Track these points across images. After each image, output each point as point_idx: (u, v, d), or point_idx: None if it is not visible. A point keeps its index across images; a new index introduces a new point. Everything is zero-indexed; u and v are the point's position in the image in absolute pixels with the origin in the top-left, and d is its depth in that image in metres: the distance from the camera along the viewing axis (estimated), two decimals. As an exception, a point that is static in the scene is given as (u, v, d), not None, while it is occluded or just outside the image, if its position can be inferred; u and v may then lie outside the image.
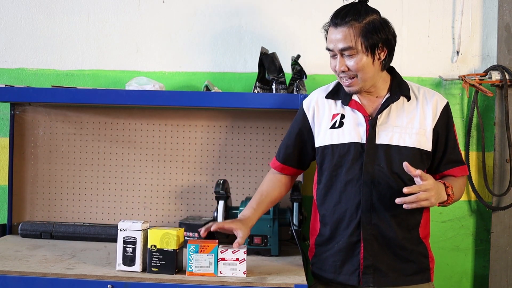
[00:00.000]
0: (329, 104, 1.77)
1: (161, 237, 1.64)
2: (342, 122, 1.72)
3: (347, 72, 1.63)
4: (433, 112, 1.69)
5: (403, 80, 1.75)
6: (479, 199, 2.30)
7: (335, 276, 1.71)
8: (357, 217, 1.66)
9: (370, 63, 1.62)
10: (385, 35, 1.62)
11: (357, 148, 1.67)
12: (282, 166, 1.85)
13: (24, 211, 2.32)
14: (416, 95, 1.72)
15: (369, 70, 1.63)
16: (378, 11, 1.65)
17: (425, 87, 1.77)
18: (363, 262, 1.66)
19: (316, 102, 1.80)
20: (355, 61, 1.61)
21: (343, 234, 1.69)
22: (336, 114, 1.74)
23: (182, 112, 2.30)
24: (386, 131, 1.66)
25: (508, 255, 2.27)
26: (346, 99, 1.73)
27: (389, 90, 1.71)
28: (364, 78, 1.64)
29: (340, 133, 1.71)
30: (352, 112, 1.72)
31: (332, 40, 1.63)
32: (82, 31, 2.39)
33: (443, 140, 1.71)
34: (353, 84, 1.65)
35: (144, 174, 2.31)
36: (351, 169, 1.67)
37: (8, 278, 1.63)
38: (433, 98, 1.71)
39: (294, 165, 1.85)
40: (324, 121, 1.75)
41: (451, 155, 1.72)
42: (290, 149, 1.83)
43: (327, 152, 1.73)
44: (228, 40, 2.37)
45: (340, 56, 1.63)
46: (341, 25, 1.60)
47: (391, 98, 1.69)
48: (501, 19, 2.30)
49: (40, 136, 2.32)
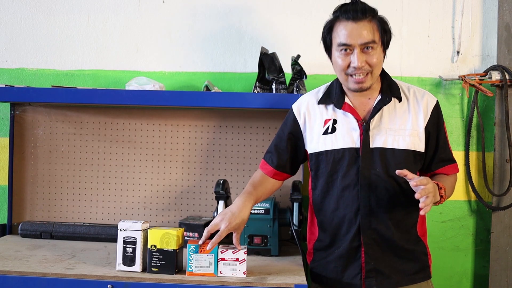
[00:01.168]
0: (320, 109, 1.74)
1: (161, 237, 1.64)
2: (334, 127, 1.70)
3: (364, 68, 1.59)
4: (424, 112, 1.68)
5: (393, 80, 1.74)
6: (479, 199, 2.30)
7: (338, 281, 1.70)
8: (357, 222, 1.65)
9: (382, 59, 1.63)
10: (390, 32, 1.64)
11: (351, 153, 1.66)
12: (274, 171, 1.81)
13: (24, 211, 2.32)
14: (407, 95, 1.71)
15: (381, 66, 1.64)
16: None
17: (415, 86, 1.76)
18: (364, 266, 1.66)
19: (307, 107, 1.77)
20: (375, 56, 1.59)
21: (344, 240, 1.68)
22: (328, 120, 1.71)
23: (182, 112, 2.30)
24: (380, 135, 1.65)
25: (508, 255, 2.27)
26: (339, 102, 1.70)
27: (380, 92, 1.70)
28: (376, 74, 1.64)
29: (333, 138, 1.69)
30: (344, 116, 1.70)
31: (353, 34, 1.57)
32: (82, 31, 2.39)
33: (434, 139, 1.70)
34: (365, 80, 1.61)
35: (144, 174, 2.31)
36: (347, 175, 1.66)
37: (8, 278, 1.63)
38: (423, 98, 1.70)
39: (286, 171, 1.82)
40: (316, 127, 1.73)
41: (442, 154, 1.72)
42: (283, 155, 1.80)
43: (321, 159, 1.71)
44: (228, 40, 2.37)
45: (360, 51, 1.58)
46: (362, 19, 1.57)
47: (383, 100, 1.67)
48: (501, 19, 2.30)
49: (40, 136, 2.32)
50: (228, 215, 1.63)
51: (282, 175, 1.83)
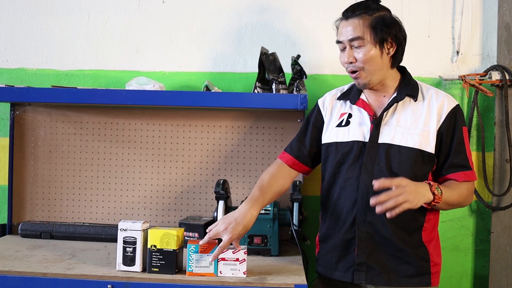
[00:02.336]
0: (340, 104, 1.80)
1: (161, 237, 1.64)
2: (348, 121, 1.74)
3: (354, 64, 1.66)
4: (438, 114, 1.67)
5: (412, 80, 1.75)
6: (479, 199, 2.30)
7: (332, 272, 1.73)
8: (353, 214, 1.67)
9: (378, 55, 1.64)
10: (395, 31, 1.65)
11: (359, 146, 1.68)
12: (293, 160, 1.83)
13: (24, 211, 2.32)
14: (424, 95, 1.72)
15: (377, 63, 1.65)
16: (390, 10, 1.69)
17: (437, 89, 1.75)
18: (356, 259, 1.67)
19: (330, 101, 1.83)
20: (363, 52, 1.63)
21: (340, 231, 1.71)
22: (344, 113, 1.77)
23: (182, 112, 2.30)
24: (389, 131, 1.67)
25: (508, 255, 2.27)
26: (354, 98, 1.75)
27: (396, 89, 1.72)
28: (371, 70, 1.65)
29: (345, 131, 1.73)
30: (359, 111, 1.74)
31: (342, 32, 1.67)
32: (82, 31, 2.39)
33: (447, 144, 1.67)
34: (360, 76, 1.67)
35: (144, 174, 2.31)
36: (351, 167, 1.69)
37: (8, 278, 1.63)
38: (440, 99, 1.69)
39: (306, 161, 1.83)
40: (333, 120, 1.79)
41: (456, 159, 1.67)
42: (304, 145, 1.83)
43: (331, 150, 1.75)
44: (228, 40, 2.37)
45: (349, 48, 1.66)
46: (352, 17, 1.65)
47: (396, 98, 1.70)
48: (501, 19, 2.29)
49: (40, 136, 2.32)
50: (232, 225, 1.60)
51: (300, 165, 1.84)
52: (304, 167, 1.84)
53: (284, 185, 1.80)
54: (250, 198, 1.68)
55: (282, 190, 1.79)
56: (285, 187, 1.81)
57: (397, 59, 1.69)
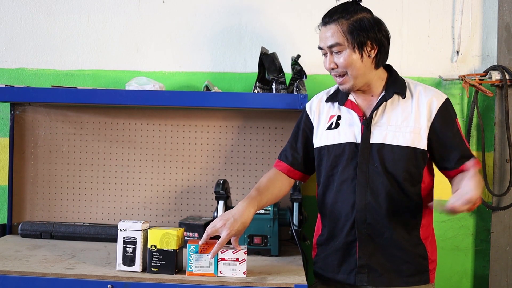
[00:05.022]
0: (327, 106, 1.79)
1: (161, 237, 1.64)
2: (338, 123, 1.73)
3: (336, 70, 1.65)
4: (428, 110, 1.65)
5: (399, 77, 1.73)
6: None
7: (334, 275, 1.72)
8: (352, 216, 1.66)
9: (358, 59, 1.62)
10: (373, 34, 1.62)
11: (351, 148, 1.67)
12: (289, 168, 1.82)
13: (24, 211, 2.32)
14: (412, 92, 1.70)
15: (358, 67, 1.63)
16: (370, 10, 1.65)
17: (425, 85, 1.74)
18: (358, 261, 1.66)
19: (317, 105, 1.81)
20: (343, 57, 1.62)
21: (340, 234, 1.70)
22: (333, 116, 1.75)
23: (182, 112, 2.30)
24: (380, 130, 1.66)
25: (508, 255, 2.27)
26: (342, 100, 1.74)
27: (384, 88, 1.71)
28: (355, 75, 1.64)
29: (336, 134, 1.72)
30: (348, 112, 1.72)
31: (322, 38, 1.66)
32: (82, 31, 2.39)
33: (447, 138, 1.65)
34: (345, 82, 1.67)
35: (144, 174, 2.31)
36: (346, 169, 1.68)
37: (8, 278, 1.63)
38: (429, 95, 1.67)
39: (301, 168, 1.82)
40: (322, 123, 1.77)
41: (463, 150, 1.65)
42: (297, 152, 1.82)
43: (323, 153, 1.74)
44: (228, 40, 2.37)
45: (330, 54, 1.65)
46: (329, 23, 1.63)
47: (384, 97, 1.68)
48: (501, 19, 2.30)
49: (40, 136, 2.32)
50: (230, 221, 1.60)
51: (296, 172, 1.83)
52: (299, 173, 1.83)
53: (282, 189, 1.80)
54: (247, 197, 1.69)
55: (279, 193, 1.79)
56: (283, 191, 1.81)
57: (380, 59, 1.66)
